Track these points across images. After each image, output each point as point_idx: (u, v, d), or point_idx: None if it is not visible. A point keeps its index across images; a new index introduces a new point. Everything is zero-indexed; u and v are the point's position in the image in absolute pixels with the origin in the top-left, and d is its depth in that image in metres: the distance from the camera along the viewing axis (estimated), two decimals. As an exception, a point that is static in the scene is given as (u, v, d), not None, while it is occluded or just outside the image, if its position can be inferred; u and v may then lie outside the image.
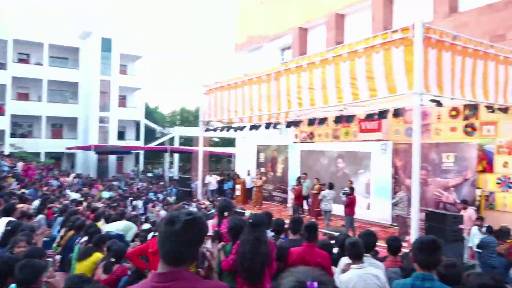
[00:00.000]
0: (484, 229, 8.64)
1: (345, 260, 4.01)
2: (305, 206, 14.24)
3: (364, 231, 4.66)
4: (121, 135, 35.96)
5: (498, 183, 11.18)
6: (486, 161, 11.37)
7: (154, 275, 1.72)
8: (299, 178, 14.13)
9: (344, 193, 11.59)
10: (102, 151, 31.87)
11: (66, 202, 11.56)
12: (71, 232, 6.35)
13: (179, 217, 1.71)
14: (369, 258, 3.97)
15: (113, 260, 4.70)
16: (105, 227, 7.66)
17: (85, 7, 73.34)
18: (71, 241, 6.11)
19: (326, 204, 11.96)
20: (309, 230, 4.49)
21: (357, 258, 3.70)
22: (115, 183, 25.53)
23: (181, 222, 1.69)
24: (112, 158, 34.96)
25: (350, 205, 11.17)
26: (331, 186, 12.07)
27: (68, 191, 16.02)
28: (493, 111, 10.25)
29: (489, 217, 10.47)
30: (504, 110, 10.46)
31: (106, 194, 18.28)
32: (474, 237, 8.79)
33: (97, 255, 5.18)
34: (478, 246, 8.31)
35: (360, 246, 3.75)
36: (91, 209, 10.01)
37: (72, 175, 22.91)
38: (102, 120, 34.22)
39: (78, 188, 19.27)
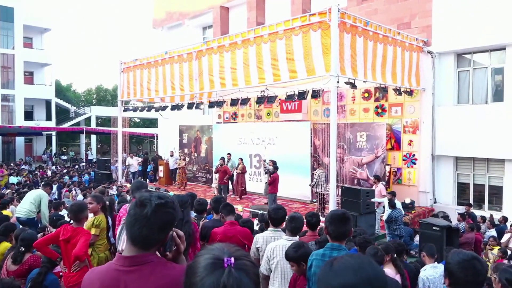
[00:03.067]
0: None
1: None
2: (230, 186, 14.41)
3: (273, 206, 4.81)
4: (29, 115, 32.96)
5: (404, 160, 12.29)
6: (394, 140, 12.41)
7: (119, 258, 1.66)
8: (223, 158, 14.18)
9: (266, 172, 11.89)
10: (7, 132, 28.98)
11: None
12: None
13: (150, 200, 1.65)
14: (279, 232, 4.16)
15: (22, 249, 4.35)
16: (16, 212, 7.18)
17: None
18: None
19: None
20: (227, 209, 4.56)
21: (293, 232, 3.89)
22: (24, 166, 23.47)
23: (152, 205, 1.63)
24: (20, 140, 32.00)
25: (273, 183, 11.51)
26: (274, 163, 12.26)
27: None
28: (400, 94, 11.15)
29: (396, 191, 11.44)
30: (409, 93, 11.45)
31: (14, 179, 16.82)
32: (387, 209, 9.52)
33: (5, 245, 4.79)
34: (387, 221, 9.07)
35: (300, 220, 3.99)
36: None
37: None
38: (5, 98, 30.99)
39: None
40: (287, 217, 4.08)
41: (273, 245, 3.72)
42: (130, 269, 1.61)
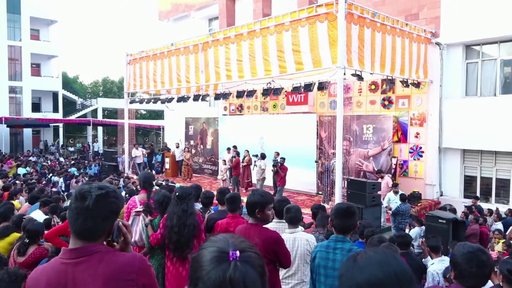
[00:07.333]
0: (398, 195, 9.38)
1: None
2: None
3: (277, 198, 4.81)
4: (36, 107, 33.14)
5: (410, 152, 12.22)
6: (401, 132, 12.33)
7: (65, 252, 1.62)
8: (229, 148, 14.19)
9: (274, 165, 11.87)
10: (15, 124, 29.17)
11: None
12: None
13: (90, 191, 1.61)
14: (284, 223, 4.16)
15: (27, 241, 4.23)
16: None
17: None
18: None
19: (263, 173, 12.38)
20: (230, 202, 4.50)
21: (292, 223, 3.85)
22: (32, 158, 23.63)
23: (93, 197, 1.60)
24: (27, 132, 32.22)
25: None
26: (263, 157, 12.33)
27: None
28: (407, 86, 11.05)
29: (403, 184, 11.45)
30: (417, 85, 11.34)
31: (22, 171, 16.96)
32: (390, 202, 9.51)
33: (15, 235, 4.78)
34: (393, 214, 9.03)
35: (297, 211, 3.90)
36: (4, 187, 9.24)
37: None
38: (12, 90, 31.16)
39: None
40: (285, 208, 4.01)
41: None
42: (77, 261, 1.57)
